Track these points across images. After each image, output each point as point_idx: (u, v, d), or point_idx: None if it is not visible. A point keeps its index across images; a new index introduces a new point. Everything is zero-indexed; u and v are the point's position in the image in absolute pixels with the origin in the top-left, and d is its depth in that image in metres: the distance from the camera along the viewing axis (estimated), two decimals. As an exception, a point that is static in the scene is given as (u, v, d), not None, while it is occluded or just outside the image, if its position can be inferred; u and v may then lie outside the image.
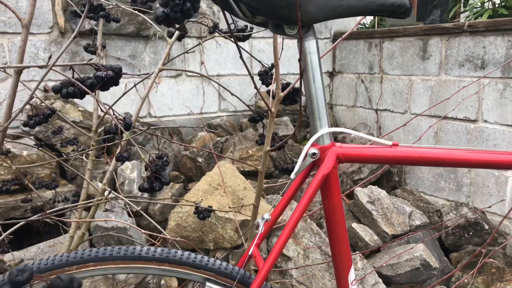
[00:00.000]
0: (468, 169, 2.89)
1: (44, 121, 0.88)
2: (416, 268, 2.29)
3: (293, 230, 0.80)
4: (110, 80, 0.77)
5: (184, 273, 0.81)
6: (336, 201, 0.84)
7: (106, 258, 0.78)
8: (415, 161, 0.86)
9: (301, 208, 0.79)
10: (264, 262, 0.82)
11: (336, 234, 0.85)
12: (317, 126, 0.81)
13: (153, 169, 0.79)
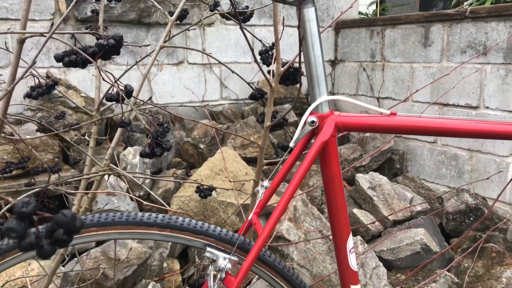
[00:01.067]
0: (469, 156, 2.89)
1: (46, 92, 0.89)
2: (416, 252, 2.31)
3: (293, 195, 0.81)
4: (112, 48, 0.78)
5: (185, 239, 0.83)
6: (334, 169, 0.85)
7: (108, 223, 0.79)
8: (413, 130, 0.86)
9: (301, 173, 0.81)
10: (263, 228, 0.84)
11: (334, 202, 0.86)
12: (316, 94, 0.82)
13: (154, 135, 0.80)
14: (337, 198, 0.86)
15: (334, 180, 0.85)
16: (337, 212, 0.86)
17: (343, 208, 0.86)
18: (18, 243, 0.36)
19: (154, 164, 2.62)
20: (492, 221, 2.60)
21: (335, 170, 0.85)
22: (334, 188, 0.85)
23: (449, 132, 0.87)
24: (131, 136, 2.69)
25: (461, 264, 2.39)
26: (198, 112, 3.25)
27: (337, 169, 0.85)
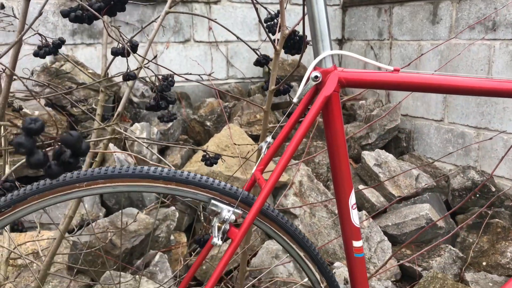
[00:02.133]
0: (476, 134, 2.88)
1: (54, 51, 0.91)
2: (421, 227, 2.32)
3: (296, 148, 0.82)
4: (117, 4, 0.79)
5: (190, 192, 0.84)
6: (337, 125, 0.85)
7: (115, 175, 0.81)
8: (416, 87, 0.87)
9: (306, 125, 0.81)
10: (266, 181, 0.85)
11: (337, 158, 0.87)
12: (319, 48, 0.83)
13: (159, 88, 0.82)
14: (340, 154, 0.87)
15: (336, 136, 0.86)
16: (339, 167, 0.87)
17: (345, 163, 0.87)
18: (27, 160, 0.37)
19: (161, 140, 2.64)
20: (498, 198, 2.60)
21: (338, 126, 0.85)
22: (337, 144, 0.86)
23: (453, 89, 0.88)
24: (138, 113, 2.71)
25: (466, 240, 2.40)
26: (204, 91, 3.26)
27: (340, 125, 0.86)
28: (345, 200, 0.89)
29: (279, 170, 0.82)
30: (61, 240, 1.18)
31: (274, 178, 0.83)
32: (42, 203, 0.80)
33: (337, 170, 0.88)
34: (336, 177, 0.89)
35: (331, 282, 0.93)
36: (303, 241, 0.90)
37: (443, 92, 0.88)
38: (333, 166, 0.89)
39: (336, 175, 0.89)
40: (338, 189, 0.89)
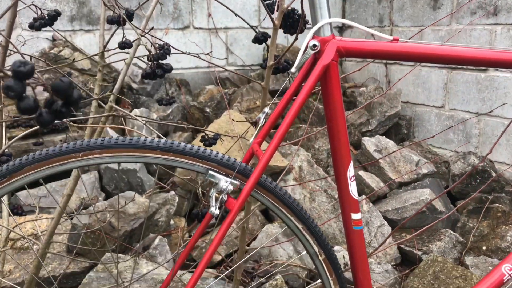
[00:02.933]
0: (477, 120, 2.87)
1: (49, 24, 0.89)
2: (421, 211, 2.31)
3: (295, 116, 0.81)
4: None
5: (187, 163, 0.84)
6: (335, 94, 0.85)
7: (111, 145, 0.81)
8: (415, 56, 0.86)
9: (303, 96, 0.81)
10: (263, 152, 0.84)
11: (335, 129, 0.87)
12: (318, 16, 0.82)
13: (155, 56, 0.81)
14: (338, 124, 0.86)
15: (335, 106, 0.85)
16: (338, 139, 0.87)
17: (344, 135, 0.87)
18: (17, 105, 0.37)
19: (161, 126, 2.64)
20: (499, 183, 2.59)
21: (336, 96, 0.85)
22: (335, 115, 0.85)
23: (453, 59, 0.87)
24: (138, 99, 2.70)
25: (466, 224, 2.40)
26: (204, 78, 3.24)
27: (339, 95, 0.85)
28: (343, 172, 0.89)
29: (277, 139, 0.82)
30: (60, 217, 1.18)
31: (272, 148, 0.83)
32: (38, 173, 0.80)
33: (335, 141, 0.88)
34: (335, 149, 0.88)
35: (330, 255, 0.92)
36: (301, 213, 0.90)
37: (443, 62, 0.87)
38: (331, 137, 0.88)
39: (335, 147, 0.88)
40: (336, 161, 0.89)
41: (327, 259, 0.92)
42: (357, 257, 0.93)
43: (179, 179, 2.33)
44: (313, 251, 0.92)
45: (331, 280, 0.93)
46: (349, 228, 0.92)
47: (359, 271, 0.94)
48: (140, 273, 1.56)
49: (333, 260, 0.93)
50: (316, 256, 0.92)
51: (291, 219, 0.90)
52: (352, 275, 0.96)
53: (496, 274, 1.01)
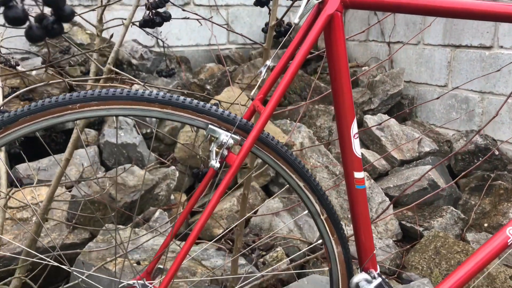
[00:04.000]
0: (480, 98, 2.84)
1: None
2: (423, 188, 2.30)
3: (298, 67, 0.79)
4: None
5: (187, 117, 0.82)
6: (340, 47, 0.82)
7: (109, 97, 0.78)
8: (417, 8, 0.83)
9: (306, 47, 0.78)
10: (264, 107, 0.82)
11: (339, 83, 0.84)
12: (322, -36, 0.79)
13: (153, 4, 0.78)
14: (342, 79, 0.84)
15: (339, 59, 0.83)
16: (342, 94, 0.85)
17: (347, 89, 0.84)
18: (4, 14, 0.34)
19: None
20: (501, 162, 2.57)
21: (340, 48, 0.82)
22: (339, 68, 0.83)
23: (454, 12, 0.84)
24: (137, 75, 2.67)
25: (468, 202, 2.39)
26: (204, 56, 3.21)
27: (343, 48, 0.82)
28: (347, 129, 0.87)
29: (279, 92, 0.80)
30: (59, 181, 1.17)
31: (274, 101, 0.80)
32: (33, 126, 0.78)
33: (339, 97, 0.85)
34: (338, 105, 0.86)
35: (331, 214, 0.91)
36: (302, 171, 0.88)
37: (444, 15, 0.84)
38: (335, 93, 0.86)
39: (338, 103, 0.86)
40: (340, 117, 0.87)
41: (329, 219, 0.91)
42: (360, 217, 0.92)
43: (179, 155, 2.32)
44: (314, 210, 0.90)
45: (333, 240, 0.92)
46: (351, 187, 0.90)
47: (362, 232, 0.93)
48: (140, 245, 1.56)
49: (335, 219, 0.91)
50: (317, 215, 0.91)
51: (292, 177, 0.88)
52: (355, 237, 0.94)
53: (500, 237, 1.00)
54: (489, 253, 0.97)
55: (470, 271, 0.96)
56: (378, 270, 0.95)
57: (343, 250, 0.93)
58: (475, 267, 0.96)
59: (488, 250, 0.98)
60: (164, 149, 2.46)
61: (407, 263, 1.97)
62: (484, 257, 0.97)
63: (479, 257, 0.97)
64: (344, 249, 0.93)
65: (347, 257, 0.93)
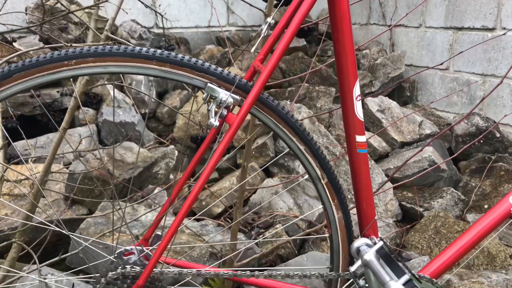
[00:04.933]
0: (482, 81, 2.82)
1: None
2: (424, 169, 2.29)
3: (301, 22, 0.77)
4: None
5: (185, 76, 0.80)
6: (342, 5, 0.80)
7: (105, 54, 0.77)
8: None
9: (308, 4, 0.76)
10: (264, 67, 0.80)
11: (342, 43, 0.82)
12: None
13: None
14: (345, 38, 0.82)
15: (342, 18, 0.81)
16: (344, 54, 0.83)
17: (350, 50, 0.83)
18: None
19: (160, 84, 2.59)
20: (502, 144, 2.56)
21: (343, 7, 0.80)
22: (342, 26, 0.81)
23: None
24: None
25: (468, 184, 2.38)
26: (204, 39, 3.18)
27: (345, 6, 0.80)
28: (349, 90, 0.85)
29: (280, 50, 0.78)
30: (56, 151, 1.15)
31: (275, 60, 0.79)
32: (29, 82, 0.76)
33: (341, 57, 0.83)
34: (341, 66, 0.84)
35: (332, 179, 0.89)
36: (304, 134, 0.86)
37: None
38: (337, 53, 0.84)
39: (341, 63, 0.84)
40: (342, 78, 0.85)
41: (329, 183, 0.89)
42: (361, 182, 0.90)
43: (178, 135, 2.30)
44: (315, 175, 0.89)
45: (334, 205, 0.91)
46: (353, 152, 0.89)
47: (363, 198, 0.92)
48: (139, 220, 1.54)
49: (335, 184, 0.90)
50: (318, 180, 0.89)
51: (293, 140, 0.87)
52: (356, 203, 0.93)
53: (503, 205, 0.99)
54: (492, 220, 0.96)
55: (475, 237, 0.95)
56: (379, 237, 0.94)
57: (343, 215, 0.91)
58: (479, 234, 0.95)
59: (491, 218, 0.97)
60: (163, 130, 2.44)
61: (407, 242, 1.96)
62: (487, 224, 0.96)
63: (483, 224, 0.96)
64: (345, 215, 0.91)
65: (348, 223, 0.92)
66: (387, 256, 0.80)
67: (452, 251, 0.97)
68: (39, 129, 2.19)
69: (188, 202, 0.82)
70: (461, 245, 0.97)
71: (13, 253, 1.21)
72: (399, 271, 0.76)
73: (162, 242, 0.83)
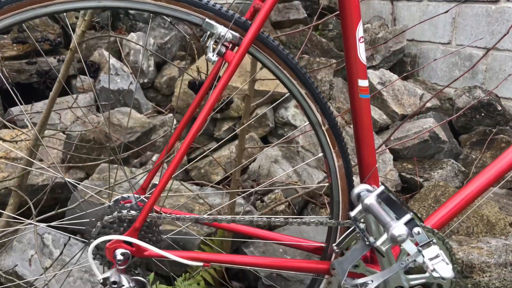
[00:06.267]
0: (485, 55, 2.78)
1: None
2: (424, 140, 2.27)
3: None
4: None
5: (182, 12, 0.77)
6: None
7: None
8: None
9: None
10: (264, 3, 0.78)
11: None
12: None
13: None
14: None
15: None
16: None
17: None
18: None
19: (158, 55, 2.56)
20: (504, 117, 2.53)
21: None
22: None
23: None
24: (134, 25, 2.60)
25: (469, 156, 2.37)
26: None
27: None
28: (352, 31, 0.82)
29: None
30: (54, 101, 1.13)
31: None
32: (20, 15, 0.73)
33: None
34: (343, 5, 0.81)
35: (333, 125, 0.87)
36: (305, 77, 0.84)
37: None
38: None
39: (344, 2, 0.81)
40: (344, 18, 0.82)
41: (330, 130, 0.87)
42: (362, 129, 0.88)
43: (177, 104, 2.28)
44: (316, 120, 0.87)
45: (334, 153, 0.89)
46: (355, 97, 0.86)
47: (364, 146, 0.90)
48: (136, 179, 1.53)
49: (336, 130, 0.88)
50: (319, 126, 0.87)
51: (293, 83, 0.84)
52: (356, 150, 0.91)
53: (508, 155, 0.97)
54: (497, 170, 0.95)
55: (478, 187, 0.94)
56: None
57: (344, 163, 0.90)
58: (484, 184, 0.94)
59: (496, 167, 0.95)
60: (162, 100, 2.41)
61: (406, 211, 1.95)
62: (492, 174, 0.94)
63: (488, 174, 0.95)
64: (345, 163, 0.90)
65: (348, 170, 0.90)
66: (388, 199, 0.78)
67: (455, 202, 0.96)
68: (36, 98, 2.16)
69: (185, 143, 0.80)
70: (464, 196, 0.96)
71: (10, 209, 1.19)
72: (400, 212, 0.75)
73: (158, 184, 0.81)
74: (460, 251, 1.60)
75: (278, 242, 0.98)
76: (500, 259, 1.54)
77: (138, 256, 0.81)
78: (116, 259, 0.79)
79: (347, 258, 0.80)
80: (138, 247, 0.80)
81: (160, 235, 0.86)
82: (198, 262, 0.83)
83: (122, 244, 0.80)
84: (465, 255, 1.56)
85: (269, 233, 0.99)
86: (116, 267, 0.80)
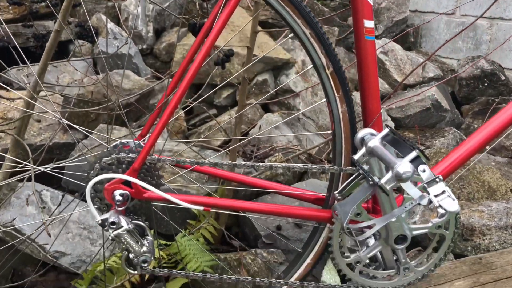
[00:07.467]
0: (489, 25, 2.74)
1: None
2: (426, 108, 2.25)
3: None
4: None
5: None
6: None
7: None
8: None
9: None
10: None
11: None
12: None
13: None
14: None
15: None
16: None
17: None
18: None
19: (157, 21, 2.51)
20: (507, 88, 2.51)
21: None
22: None
23: None
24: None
25: (471, 126, 2.35)
26: (204, -21, 3.06)
27: None
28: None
29: None
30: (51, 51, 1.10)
31: None
32: None
33: None
34: None
35: (338, 69, 0.85)
36: (309, 16, 0.81)
37: None
38: None
39: None
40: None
41: (334, 73, 0.85)
42: (367, 72, 0.86)
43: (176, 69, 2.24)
44: (320, 63, 0.85)
45: (338, 98, 0.87)
46: (360, 38, 0.84)
47: (369, 90, 0.88)
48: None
49: (340, 74, 0.85)
50: (323, 69, 0.85)
51: (297, 22, 0.82)
52: (360, 95, 0.89)
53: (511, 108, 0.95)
54: (504, 119, 0.93)
55: (485, 136, 0.92)
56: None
57: (348, 109, 0.88)
58: (490, 133, 0.92)
59: (503, 117, 0.93)
60: (161, 66, 2.38)
61: (407, 177, 1.94)
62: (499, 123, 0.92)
63: (493, 124, 0.93)
64: (349, 108, 0.88)
65: (352, 117, 0.88)
66: (394, 140, 0.76)
67: (460, 152, 0.95)
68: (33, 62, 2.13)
69: (184, 82, 0.78)
70: (469, 146, 0.94)
71: (7, 167, 1.18)
72: (406, 151, 0.73)
73: (157, 125, 0.79)
74: (461, 215, 1.59)
75: (279, 191, 0.96)
76: (501, 222, 1.54)
77: (138, 198, 0.80)
78: (115, 200, 0.78)
79: (349, 200, 0.79)
80: (137, 188, 0.79)
81: (160, 180, 0.84)
82: (198, 205, 0.81)
83: (121, 185, 0.79)
84: (465, 218, 1.56)
85: (270, 183, 0.98)
86: (115, 208, 0.78)
